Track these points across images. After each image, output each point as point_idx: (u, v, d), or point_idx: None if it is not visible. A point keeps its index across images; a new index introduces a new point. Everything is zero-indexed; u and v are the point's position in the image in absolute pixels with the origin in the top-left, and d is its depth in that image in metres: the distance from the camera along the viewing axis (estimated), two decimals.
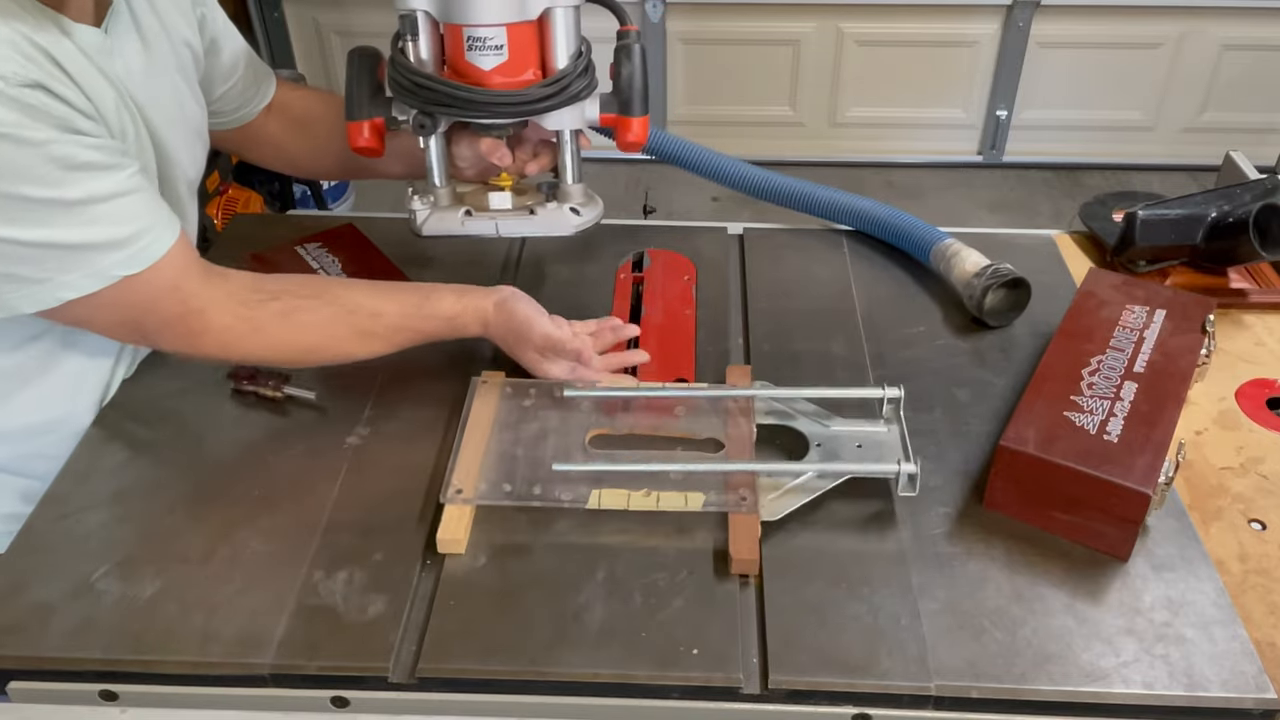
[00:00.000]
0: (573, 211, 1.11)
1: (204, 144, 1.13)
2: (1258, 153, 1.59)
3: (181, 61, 1.06)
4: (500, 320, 1.03)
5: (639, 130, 1.05)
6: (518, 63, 0.99)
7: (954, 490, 0.96)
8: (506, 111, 1.01)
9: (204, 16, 1.11)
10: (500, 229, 1.11)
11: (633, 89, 1.04)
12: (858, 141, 3.43)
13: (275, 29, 3.30)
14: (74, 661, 0.82)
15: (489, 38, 0.97)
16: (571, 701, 0.81)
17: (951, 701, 0.79)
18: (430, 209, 1.11)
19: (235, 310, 0.96)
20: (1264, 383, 1.12)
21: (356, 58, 1.05)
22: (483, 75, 0.99)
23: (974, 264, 1.17)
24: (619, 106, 1.05)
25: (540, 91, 1.00)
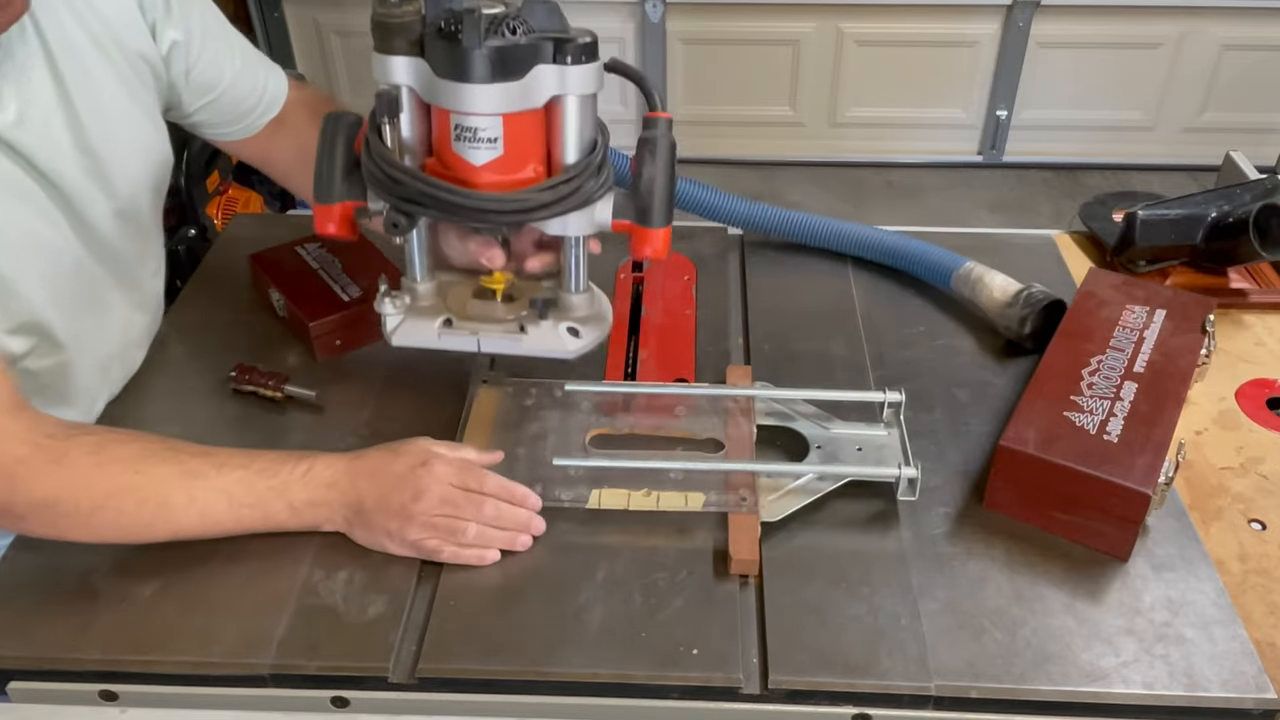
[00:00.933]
0: (570, 332, 0.95)
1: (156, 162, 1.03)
2: (1258, 153, 1.59)
3: (124, 76, 0.96)
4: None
5: (658, 244, 0.88)
6: (515, 158, 0.84)
7: (954, 490, 0.96)
8: (497, 220, 0.87)
9: (155, 24, 0.98)
10: (482, 345, 0.95)
11: (653, 196, 0.87)
12: (858, 141, 3.43)
13: (275, 29, 3.30)
14: (74, 661, 0.82)
15: (481, 129, 0.82)
16: (571, 701, 0.81)
17: (951, 701, 0.79)
18: (402, 314, 0.95)
19: (36, 440, 0.82)
20: (1264, 383, 1.12)
21: (331, 125, 0.89)
22: (472, 171, 0.84)
23: (1003, 290, 1.13)
24: (636, 214, 0.88)
25: (540, 197, 0.85)
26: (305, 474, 0.88)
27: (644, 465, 0.95)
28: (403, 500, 0.87)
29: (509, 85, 0.81)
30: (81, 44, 0.92)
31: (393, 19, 0.82)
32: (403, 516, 0.87)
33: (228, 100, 1.07)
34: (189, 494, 0.85)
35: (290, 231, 1.24)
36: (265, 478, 0.87)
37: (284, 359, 1.12)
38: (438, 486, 0.87)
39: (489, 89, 0.80)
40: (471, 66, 0.79)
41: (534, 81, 0.82)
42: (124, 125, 0.97)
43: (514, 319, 0.96)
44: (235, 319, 1.18)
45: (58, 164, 0.91)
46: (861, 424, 1.00)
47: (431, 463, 0.89)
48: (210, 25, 1.04)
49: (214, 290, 1.24)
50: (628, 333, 1.15)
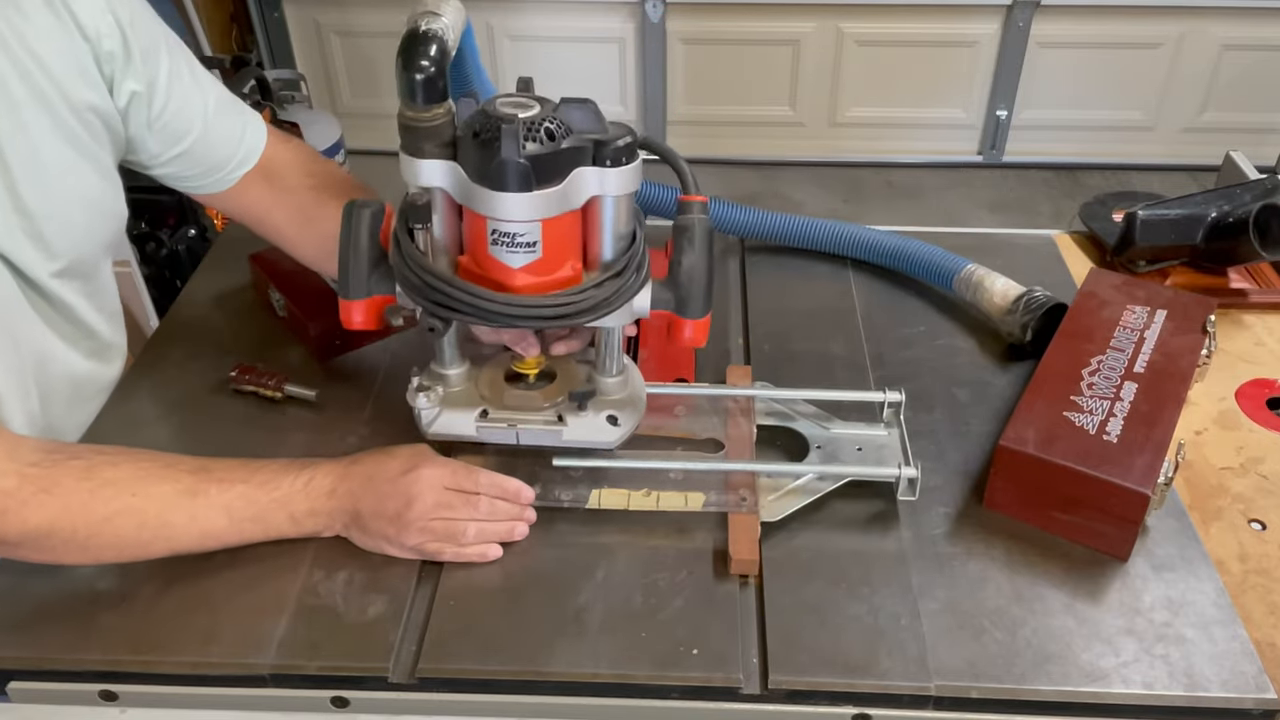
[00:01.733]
0: (610, 421, 0.94)
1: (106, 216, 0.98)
2: (1258, 153, 1.59)
3: (70, 130, 0.90)
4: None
5: (698, 333, 0.87)
6: (553, 260, 0.82)
7: (954, 490, 0.96)
8: (539, 325, 0.85)
9: (114, 76, 0.92)
10: (521, 438, 0.94)
11: (693, 285, 0.84)
12: (858, 141, 3.43)
13: (275, 29, 3.30)
14: (74, 661, 0.82)
15: (520, 234, 0.80)
16: (571, 701, 0.81)
17: (951, 701, 0.79)
18: (438, 407, 0.95)
19: (20, 470, 0.80)
20: (1264, 383, 1.12)
21: (355, 218, 0.86)
22: (509, 274, 0.82)
23: (1003, 295, 1.13)
24: (675, 304, 0.86)
25: (583, 300, 0.82)
26: (307, 485, 0.87)
27: (644, 465, 0.95)
28: (397, 508, 0.86)
29: (548, 192, 0.79)
30: (19, 97, 0.86)
31: (423, 123, 0.80)
32: (399, 523, 0.86)
33: (200, 151, 1.00)
34: (189, 513, 0.84)
35: None
36: (267, 491, 0.86)
37: (284, 359, 1.12)
38: (430, 492, 0.87)
39: (528, 197, 0.78)
40: (510, 176, 0.77)
41: (573, 185, 0.80)
42: (66, 182, 0.91)
43: (551, 407, 0.95)
44: (235, 319, 1.19)
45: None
46: (861, 424, 1.00)
47: (421, 467, 0.88)
48: (179, 72, 0.98)
49: (214, 290, 1.24)
50: None
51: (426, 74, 0.79)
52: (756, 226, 1.27)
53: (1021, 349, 1.11)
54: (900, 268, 1.25)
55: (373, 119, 3.26)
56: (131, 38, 0.92)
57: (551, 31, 3.19)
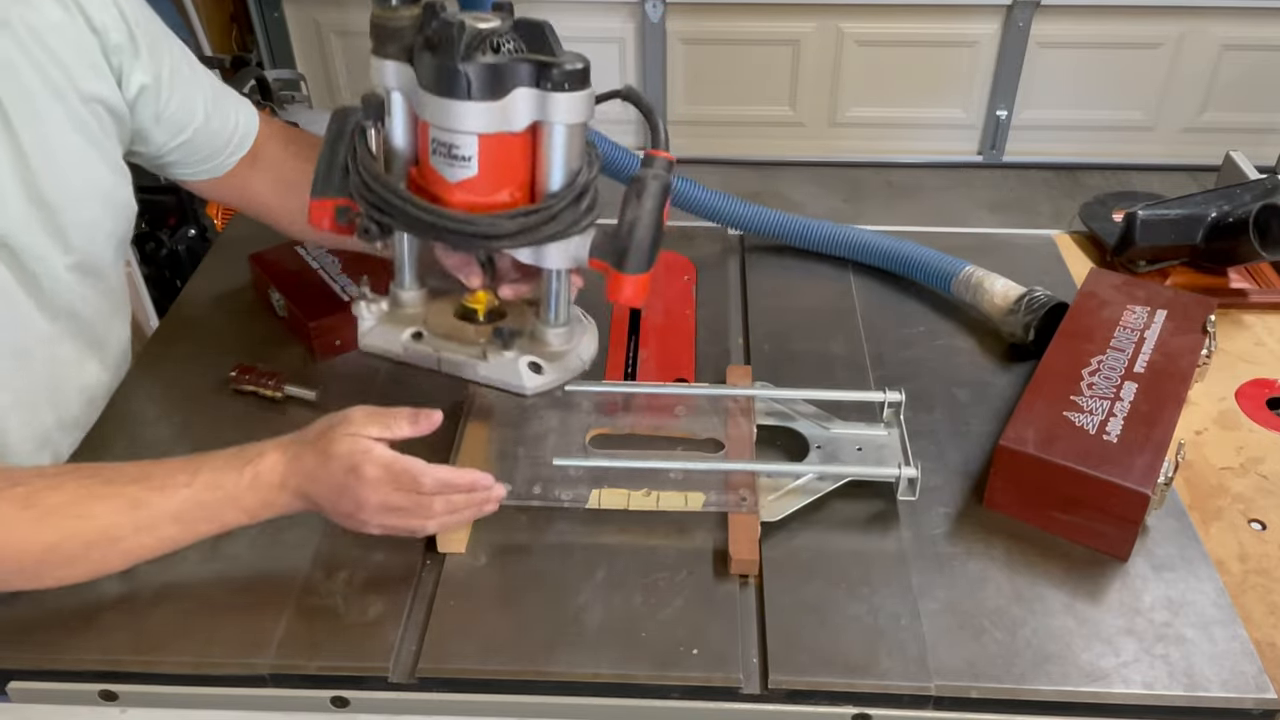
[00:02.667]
0: (532, 368, 0.91)
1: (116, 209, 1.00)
2: (1258, 153, 1.59)
3: (83, 123, 0.92)
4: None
5: (632, 291, 0.84)
6: (490, 181, 0.81)
7: (954, 490, 0.96)
8: (459, 241, 0.84)
9: (122, 67, 0.94)
10: (442, 365, 0.93)
11: (633, 240, 0.82)
12: (858, 141, 3.43)
13: (275, 29, 3.30)
14: (74, 661, 0.82)
15: (455, 146, 0.80)
16: (571, 701, 0.81)
17: (951, 701, 0.79)
18: (376, 319, 0.95)
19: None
20: (1264, 383, 1.12)
21: (337, 121, 0.87)
22: (446, 188, 0.82)
23: (1004, 296, 1.13)
24: (614, 256, 0.84)
25: (504, 225, 0.81)
26: (253, 481, 0.82)
27: (644, 465, 0.95)
28: (349, 509, 0.83)
29: (488, 105, 0.78)
30: (34, 88, 0.88)
31: (389, 23, 0.81)
32: (356, 520, 0.83)
33: (201, 139, 1.03)
34: (135, 526, 0.81)
35: None
36: (211, 492, 0.82)
37: (284, 359, 1.12)
38: (375, 496, 0.81)
39: (466, 106, 0.78)
40: (450, 81, 0.77)
41: (513, 104, 0.79)
42: (80, 172, 0.93)
43: (480, 344, 0.94)
44: (235, 319, 1.18)
45: (5, 217, 0.87)
46: (861, 424, 1.00)
47: (361, 469, 0.81)
48: (179, 65, 1.00)
49: (214, 290, 1.24)
50: (628, 333, 1.15)
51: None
52: (756, 222, 1.27)
53: (1022, 349, 1.11)
54: (898, 270, 1.25)
55: None
56: (137, 30, 0.95)
57: None
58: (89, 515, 0.80)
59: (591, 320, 0.98)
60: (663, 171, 0.83)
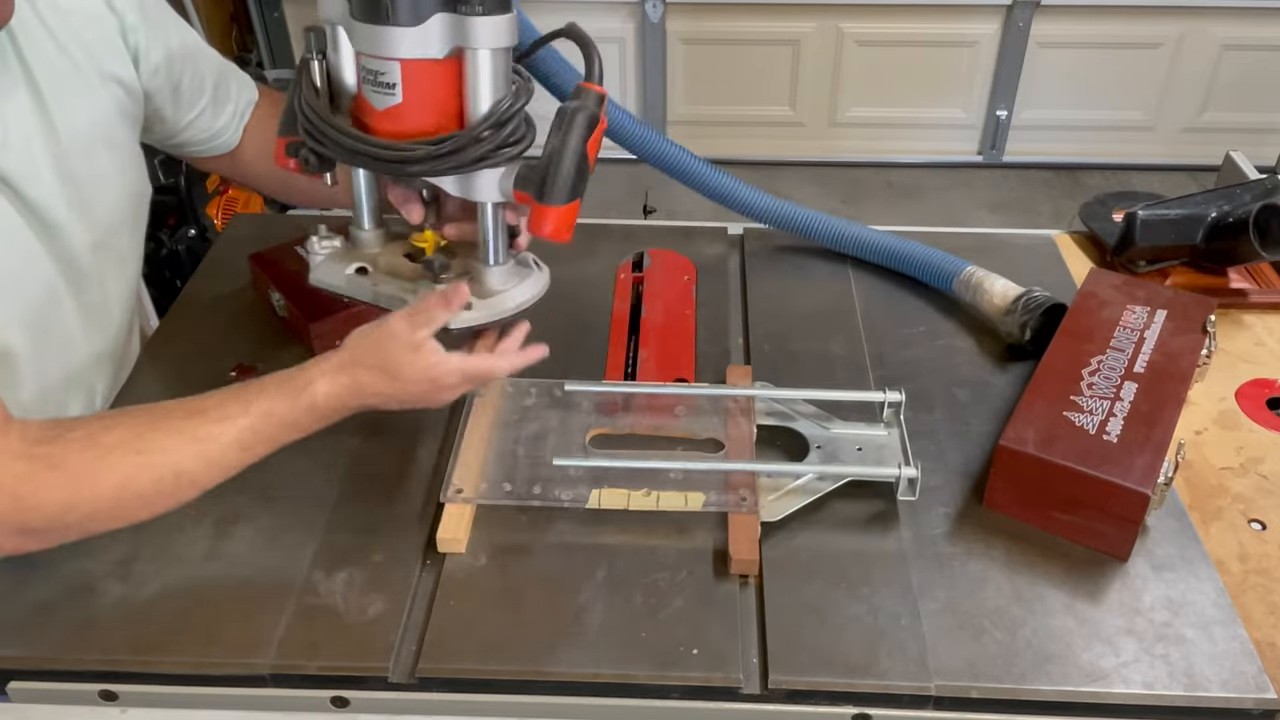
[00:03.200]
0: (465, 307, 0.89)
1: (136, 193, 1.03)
2: (1258, 153, 1.59)
3: (106, 103, 0.95)
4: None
5: (552, 224, 0.82)
6: (415, 110, 0.82)
7: (954, 490, 0.96)
8: (378, 167, 0.84)
9: (138, 47, 0.97)
10: (379, 299, 0.94)
11: (554, 171, 0.81)
12: (858, 141, 3.43)
13: (275, 29, 3.30)
14: (74, 661, 0.82)
15: (380, 73, 0.81)
16: (571, 701, 0.81)
17: (951, 701, 0.79)
18: (325, 256, 0.97)
19: (30, 451, 0.76)
20: (1264, 383, 1.12)
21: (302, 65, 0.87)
22: (374, 116, 0.83)
23: (1003, 295, 1.13)
24: (535, 187, 0.82)
25: (420, 150, 0.81)
26: (309, 408, 0.84)
27: (644, 465, 0.95)
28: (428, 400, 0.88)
29: (406, 30, 0.79)
30: (63, 69, 0.90)
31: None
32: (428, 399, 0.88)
33: (208, 117, 1.07)
34: (201, 457, 0.80)
35: (290, 231, 1.24)
36: (266, 421, 0.82)
37: (284, 359, 1.11)
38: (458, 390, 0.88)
39: (388, 31, 0.79)
40: (373, 7, 0.78)
41: (432, 29, 0.79)
42: (104, 151, 0.95)
43: (415, 280, 0.94)
44: (235, 319, 1.18)
45: (38, 190, 0.89)
46: (861, 424, 1.00)
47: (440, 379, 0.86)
48: (188, 43, 1.03)
49: (214, 290, 1.24)
50: (628, 333, 1.15)
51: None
52: (760, 209, 1.26)
53: (1022, 350, 1.11)
54: (900, 268, 1.25)
55: None
56: (148, 8, 0.98)
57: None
58: (150, 449, 0.79)
59: (545, 268, 0.96)
60: (591, 104, 0.82)
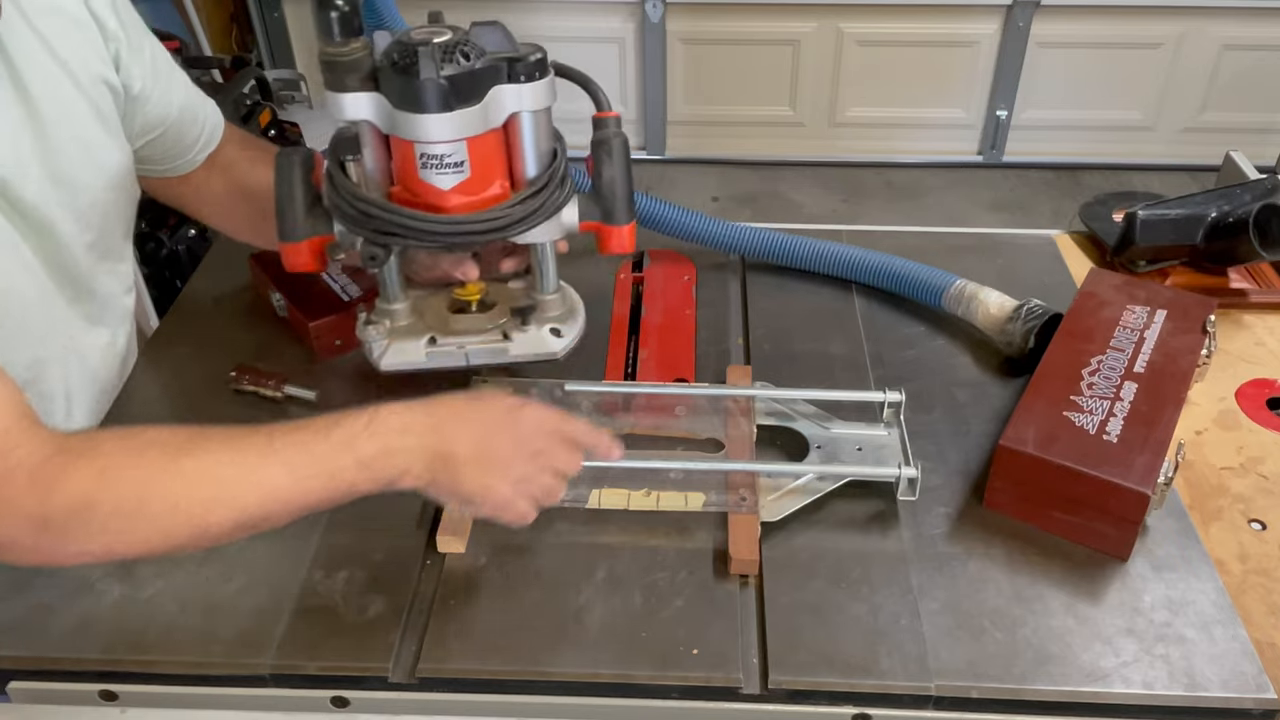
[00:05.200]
0: (553, 333, 0.97)
1: (127, 192, 1.01)
2: (1258, 153, 1.59)
3: (95, 104, 0.93)
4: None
5: (624, 240, 0.92)
6: (481, 178, 0.86)
7: (954, 490, 0.96)
8: (473, 242, 0.88)
9: (119, 54, 0.95)
10: (471, 359, 0.97)
11: (615, 195, 0.90)
12: (857, 141, 3.43)
13: (275, 29, 3.30)
14: (74, 661, 0.82)
15: (447, 154, 0.83)
16: (571, 701, 0.81)
17: (951, 701, 0.79)
18: (387, 339, 0.97)
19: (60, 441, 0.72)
20: (1264, 383, 1.12)
21: (287, 163, 0.89)
22: (441, 196, 0.85)
23: (1000, 306, 1.11)
24: (601, 214, 0.91)
25: (513, 213, 0.86)
26: (368, 425, 0.76)
27: (644, 465, 0.95)
28: (505, 448, 0.79)
29: (469, 110, 0.83)
30: (50, 69, 0.89)
31: (344, 57, 0.83)
32: (503, 467, 0.79)
33: (173, 135, 1.03)
34: (244, 468, 0.73)
35: None
36: (322, 439, 0.75)
37: (284, 359, 1.12)
38: (540, 433, 0.81)
39: (450, 117, 0.82)
40: (431, 97, 0.81)
41: (492, 103, 0.84)
42: (95, 152, 0.94)
43: (496, 328, 0.98)
44: (235, 319, 1.19)
45: (27, 190, 0.88)
46: (861, 424, 1.00)
47: (523, 406, 0.82)
48: (159, 60, 1.01)
49: (214, 290, 1.24)
50: (628, 333, 1.15)
51: (340, 10, 0.82)
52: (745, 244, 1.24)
53: (1016, 363, 1.10)
54: (888, 287, 1.21)
55: None
56: (125, 19, 0.96)
57: (551, 31, 3.19)
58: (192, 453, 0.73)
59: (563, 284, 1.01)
60: (618, 128, 0.91)
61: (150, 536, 0.72)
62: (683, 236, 1.23)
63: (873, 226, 1.35)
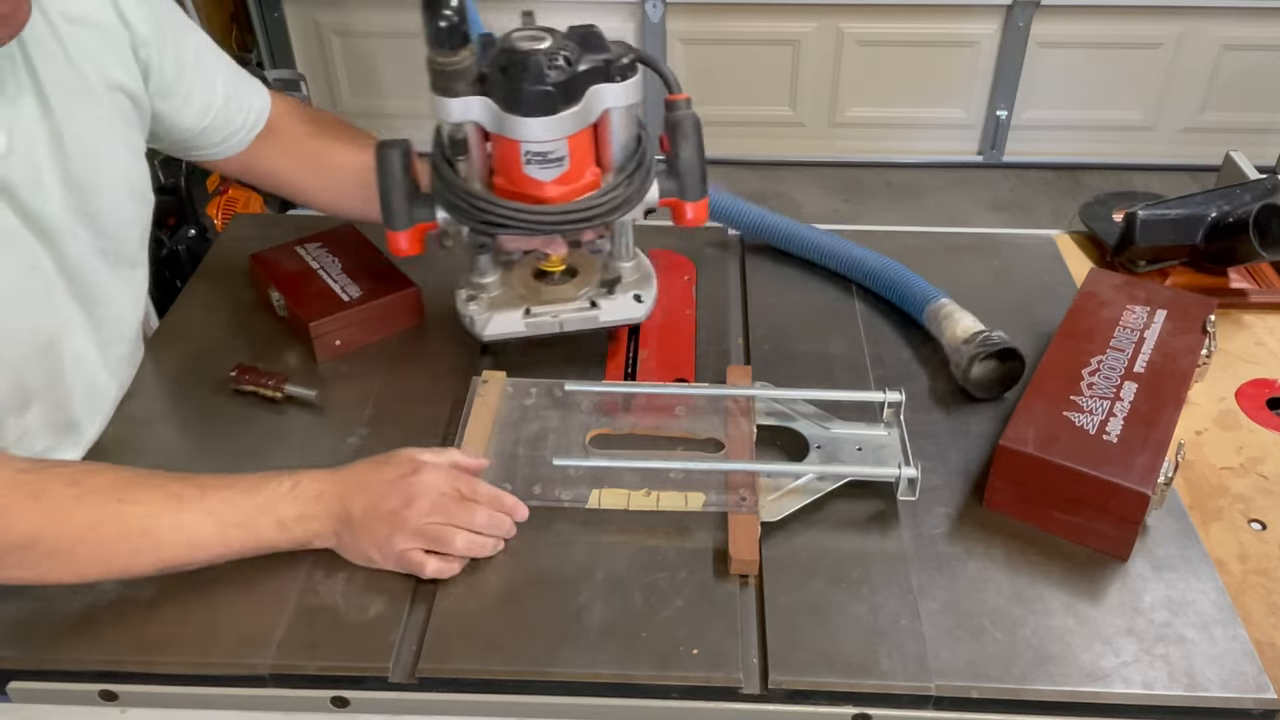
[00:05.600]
0: (636, 299, 1.07)
1: (141, 201, 1.03)
2: (1258, 153, 1.59)
3: (112, 112, 0.95)
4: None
5: (698, 213, 1.01)
6: (578, 169, 0.93)
7: (954, 490, 0.96)
8: (577, 228, 0.95)
9: (149, 59, 0.98)
10: (565, 325, 1.05)
11: (691, 172, 0.98)
12: (857, 141, 3.43)
13: (275, 29, 3.29)
14: (74, 661, 0.82)
15: (550, 151, 0.91)
16: (571, 701, 0.81)
17: (951, 701, 0.79)
18: (489, 311, 1.05)
19: (11, 477, 0.79)
20: (1264, 383, 1.12)
21: (388, 157, 0.96)
22: (542, 188, 0.93)
23: (964, 329, 1.07)
24: (678, 190, 0.99)
25: (611, 199, 0.94)
26: (292, 489, 0.85)
27: (644, 465, 0.95)
28: (393, 507, 0.85)
29: (573, 110, 0.90)
30: (70, 79, 0.90)
31: (452, 65, 0.89)
32: (392, 523, 0.85)
33: (220, 121, 1.07)
34: (174, 519, 0.82)
35: (290, 231, 1.24)
36: (250, 496, 0.84)
37: (284, 359, 1.12)
38: (430, 493, 0.86)
39: (555, 119, 0.89)
40: (539, 101, 0.88)
41: (590, 101, 0.91)
42: (110, 159, 0.96)
43: (582, 295, 1.07)
44: (235, 319, 1.19)
45: (41, 198, 0.89)
46: (861, 424, 1.00)
47: (422, 470, 0.87)
48: (201, 51, 1.04)
49: (214, 290, 1.24)
50: (628, 333, 1.15)
51: (450, 21, 0.87)
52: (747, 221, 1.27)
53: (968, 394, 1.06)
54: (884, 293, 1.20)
55: (373, 118, 3.26)
56: (162, 19, 0.98)
57: None
58: (130, 500, 0.81)
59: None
60: (688, 109, 0.99)
61: (80, 571, 0.81)
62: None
63: (873, 226, 1.35)
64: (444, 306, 1.14)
